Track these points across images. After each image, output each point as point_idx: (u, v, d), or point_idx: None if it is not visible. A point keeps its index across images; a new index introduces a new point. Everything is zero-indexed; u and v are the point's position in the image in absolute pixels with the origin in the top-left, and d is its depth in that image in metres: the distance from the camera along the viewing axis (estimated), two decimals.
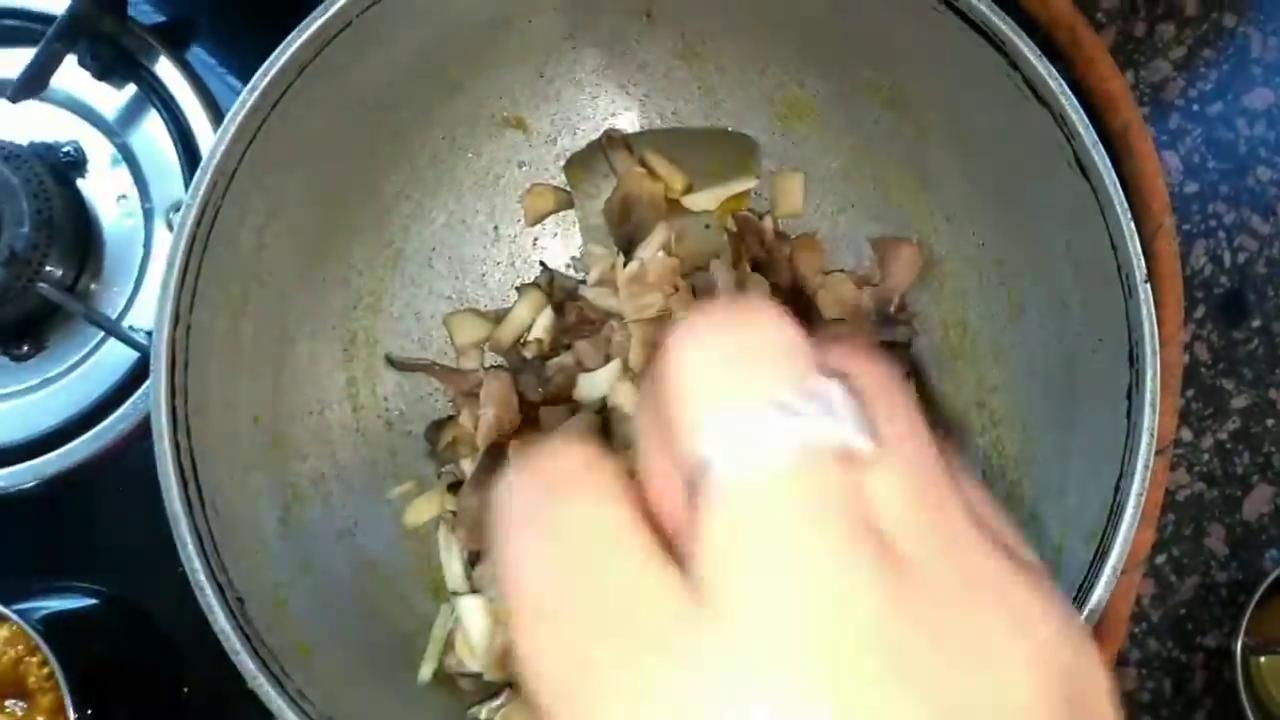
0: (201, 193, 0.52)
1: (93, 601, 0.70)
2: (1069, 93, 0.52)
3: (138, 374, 0.70)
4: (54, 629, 0.62)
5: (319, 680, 0.53)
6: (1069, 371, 0.58)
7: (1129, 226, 0.52)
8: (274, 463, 0.59)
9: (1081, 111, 0.52)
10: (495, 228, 0.68)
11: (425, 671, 0.62)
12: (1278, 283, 0.72)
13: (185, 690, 0.70)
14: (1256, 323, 0.72)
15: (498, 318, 0.67)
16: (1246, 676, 0.66)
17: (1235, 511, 0.70)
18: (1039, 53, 0.52)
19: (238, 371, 0.57)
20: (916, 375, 0.66)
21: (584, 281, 0.68)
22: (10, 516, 0.70)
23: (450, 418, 0.66)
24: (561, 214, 0.69)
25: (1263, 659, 0.68)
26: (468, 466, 0.64)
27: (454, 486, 0.65)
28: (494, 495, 0.22)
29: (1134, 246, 0.51)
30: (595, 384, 0.63)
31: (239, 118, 0.52)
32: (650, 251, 0.64)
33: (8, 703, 0.62)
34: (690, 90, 0.67)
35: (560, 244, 0.70)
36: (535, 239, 0.69)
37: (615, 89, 0.67)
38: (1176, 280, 0.67)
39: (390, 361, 0.66)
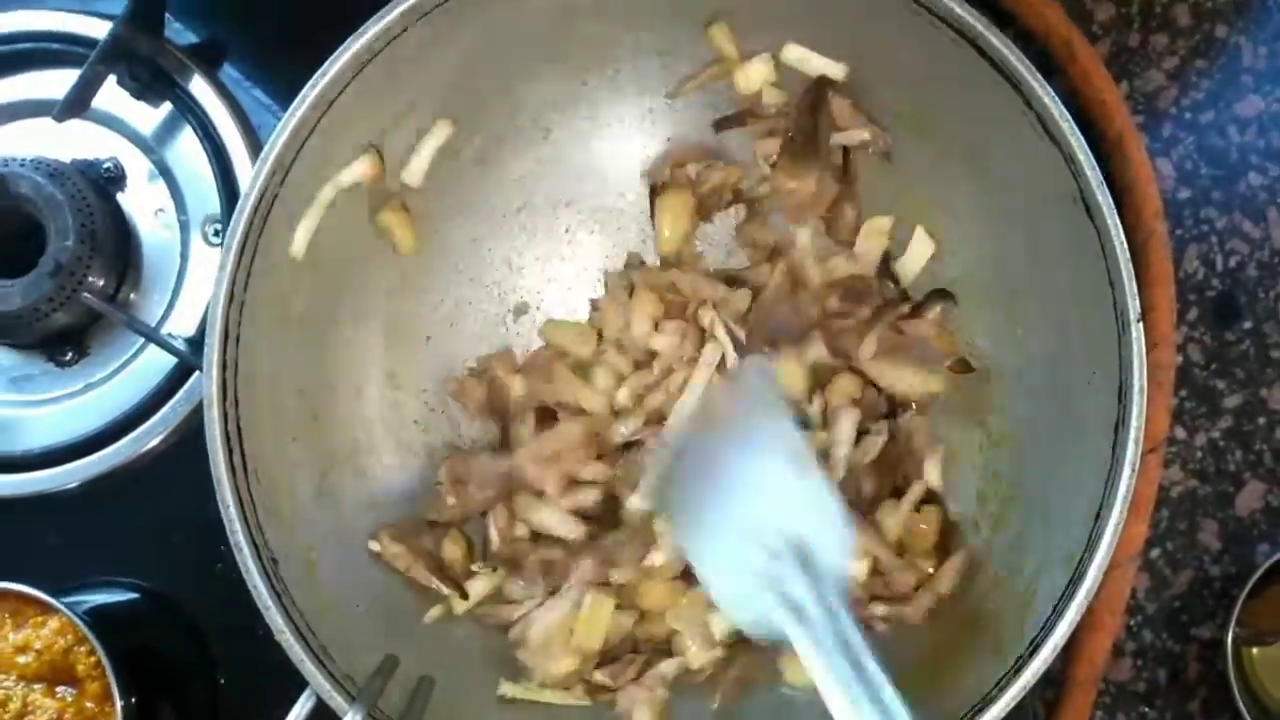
0: (260, 180, 0.56)
1: (134, 596, 0.73)
2: (1079, 135, 0.56)
3: (177, 379, 0.73)
4: (99, 621, 0.65)
5: (341, 639, 0.57)
6: (1065, 400, 0.61)
7: (1127, 268, 0.55)
8: (313, 435, 0.63)
9: (1090, 154, 0.56)
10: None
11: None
12: (1269, 285, 0.74)
13: (221, 681, 0.73)
14: (1248, 324, 0.74)
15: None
16: (1239, 667, 0.68)
17: (1228, 507, 0.73)
18: (1053, 94, 0.56)
19: (285, 347, 0.61)
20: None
21: None
22: (56, 515, 0.74)
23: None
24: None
25: (1255, 650, 0.70)
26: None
27: None
28: None
29: (1130, 287, 0.55)
30: None
31: (299, 111, 0.56)
32: None
33: (58, 690, 0.65)
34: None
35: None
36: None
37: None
38: (1169, 283, 0.70)
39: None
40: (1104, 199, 0.55)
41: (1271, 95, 0.76)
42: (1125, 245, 0.55)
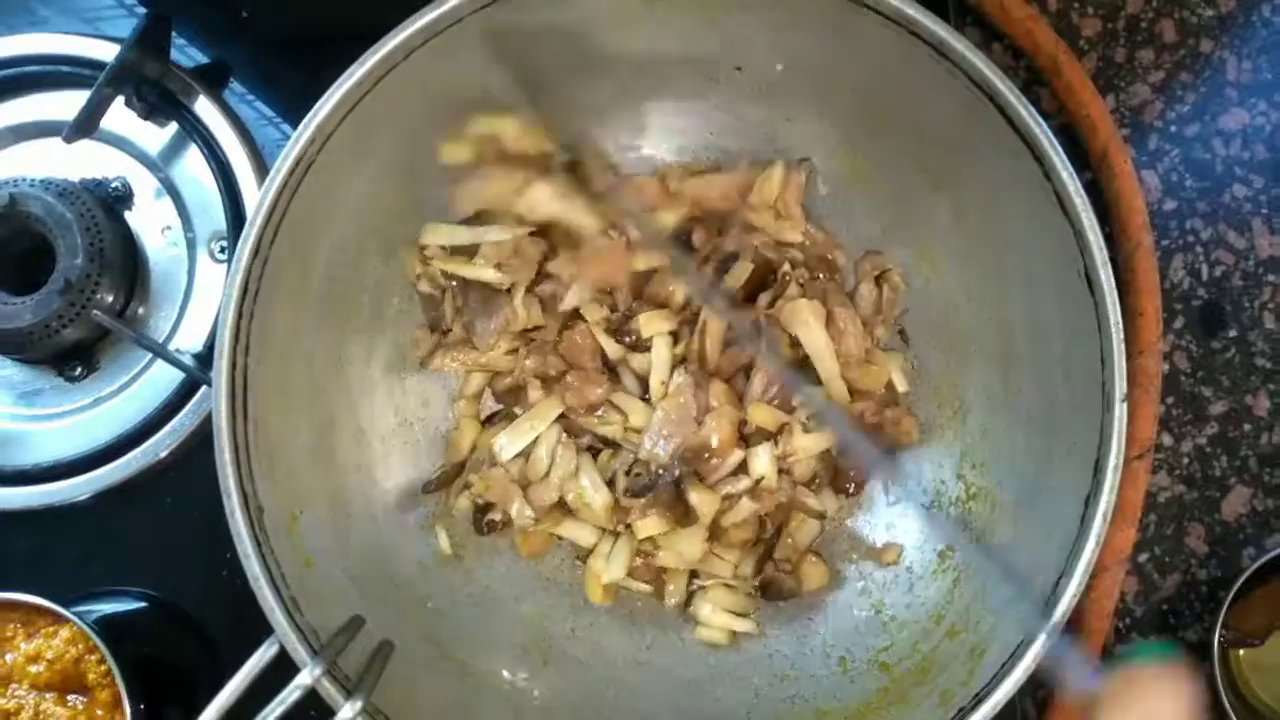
0: (286, 166, 0.58)
1: (143, 605, 0.75)
2: (1090, 211, 0.58)
3: (184, 394, 0.75)
4: (108, 630, 0.66)
5: (313, 592, 0.59)
6: (1042, 467, 0.63)
7: (1119, 346, 0.57)
8: (317, 397, 0.66)
9: (1099, 233, 0.58)
10: None
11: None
12: (1253, 294, 0.76)
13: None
14: (1233, 333, 0.76)
15: None
16: (1225, 669, 0.70)
17: (1214, 512, 0.74)
18: (1071, 170, 0.58)
19: (301, 318, 0.63)
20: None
21: None
22: (66, 526, 0.75)
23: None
24: None
25: (1241, 652, 0.72)
26: None
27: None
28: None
29: (1120, 365, 0.57)
30: None
31: (320, 114, 0.58)
32: None
33: (69, 698, 0.66)
34: (758, 131, 0.72)
35: None
36: None
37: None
38: (1155, 293, 0.71)
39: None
40: (1107, 277, 0.57)
41: (1256, 108, 0.78)
42: (1121, 324, 0.57)
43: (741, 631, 0.69)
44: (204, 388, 0.73)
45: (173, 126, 0.79)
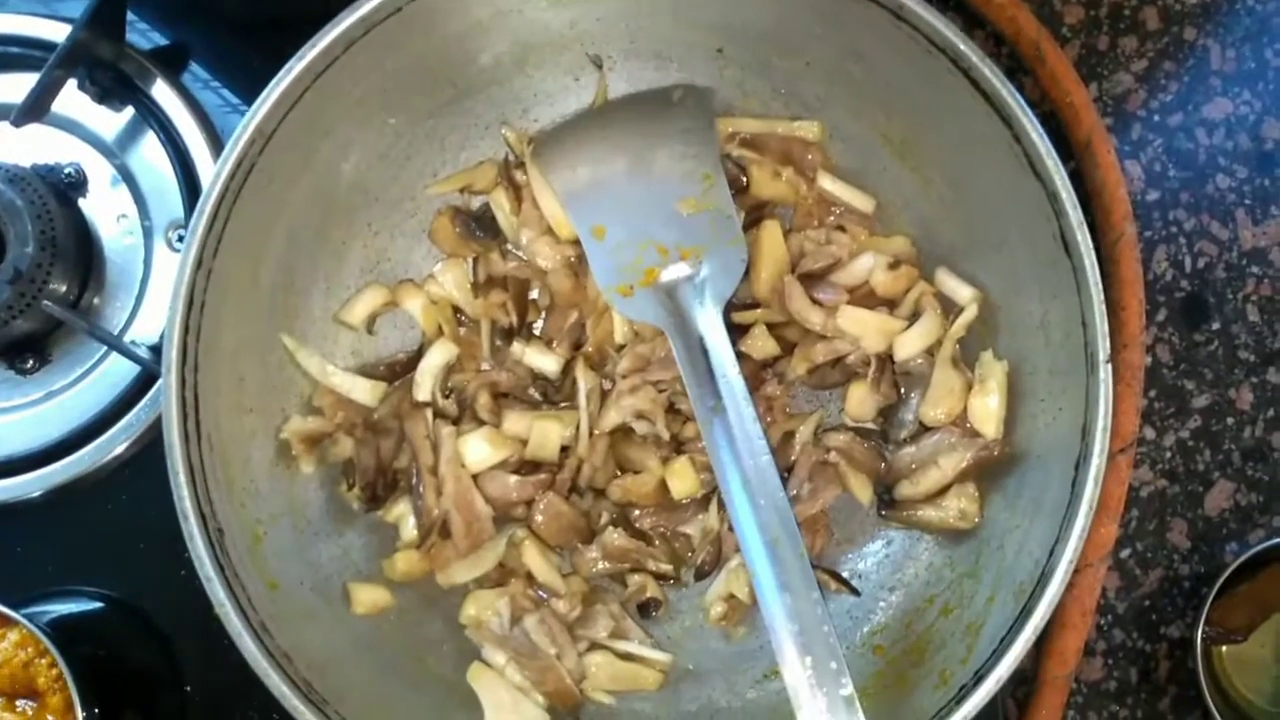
0: (237, 151, 0.56)
1: (98, 605, 0.72)
2: (1064, 173, 0.56)
3: (140, 387, 0.72)
4: (61, 631, 0.64)
5: (282, 616, 0.57)
6: (1028, 435, 0.61)
7: (1100, 307, 0.55)
8: (272, 405, 0.63)
9: (1073, 192, 0.56)
10: None
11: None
12: (1236, 286, 0.75)
13: (187, 688, 0.72)
14: (1216, 325, 0.75)
15: None
16: (1208, 665, 0.69)
17: (1197, 507, 0.73)
18: (1041, 131, 0.56)
19: (252, 316, 0.61)
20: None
21: None
22: (18, 525, 0.73)
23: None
24: None
25: (1224, 648, 0.71)
26: None
27: None
28: None
29: (1102, 327, 0.55)
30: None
31: (271, 98, 0.56)
32: None
33: (19, 703, 0.64)
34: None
35: None
36: None
37: None
38: (1138, 285, 0.70)
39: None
40: (1084, 238, 0.55)
41: (1239, 98, 0.77)
42: (1101, 286, 0.55)
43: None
44: (161, 380, 0.70)
45: (129, 111, 0.76)
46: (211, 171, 0.72)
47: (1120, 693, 0.72)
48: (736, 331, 0.66)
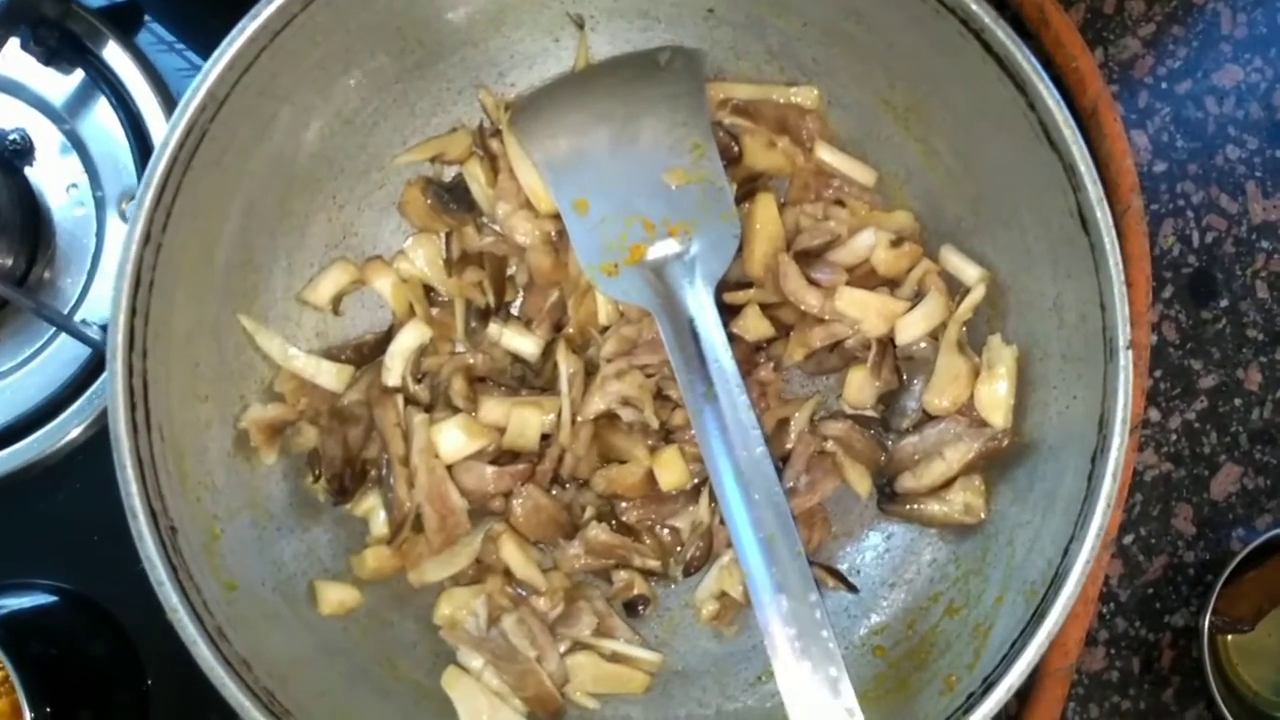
0: (187, 116, 0.51)
1: (52, 599, 0.69)
2: (1082, 143, 0.52)
3: (93, 368, 0.69)
4: (11, 628, 0.61)
5: (241, 619, 0.53)
6: (1039, 425, 0.57)
7: (1121, 289, 0.51)
8: (229, 392, 0.59)
9: (1093, 166, 0.51)
10: None
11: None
12: (1245, 262, 0.72)
13: (148, 683, 0.69)
14: (1224, 302, 0.72)
15: None
16: (1213, 655, 0.66)
17: (1203, 491, 0.71)
18: (1058, 98, 0.52)
19: (207, 296, 0.57)
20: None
21: None
22: None
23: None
24: None
25: (1230, 637, 0.69)
26: None
27: None
28: None
29: (1123, 310, 0.51)
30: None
31: (223, 60, 0.52)
32: None
33: None
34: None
35: None
36: None
37: None
38: (1145, 260, 0.67)
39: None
40: (1104, 215, 0.51)
41: (1251, 65, 0.73)
42: (1121, 265, 0.51)
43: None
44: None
45: (79, 74, 0.71)
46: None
47: (1123, 683, 0.69)
48: (728, 312, 0.62)
